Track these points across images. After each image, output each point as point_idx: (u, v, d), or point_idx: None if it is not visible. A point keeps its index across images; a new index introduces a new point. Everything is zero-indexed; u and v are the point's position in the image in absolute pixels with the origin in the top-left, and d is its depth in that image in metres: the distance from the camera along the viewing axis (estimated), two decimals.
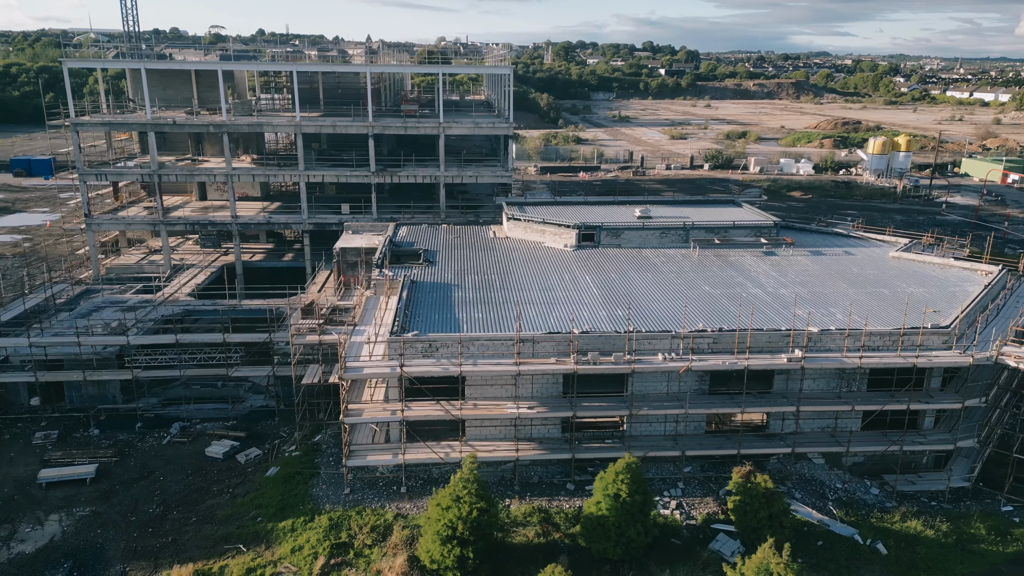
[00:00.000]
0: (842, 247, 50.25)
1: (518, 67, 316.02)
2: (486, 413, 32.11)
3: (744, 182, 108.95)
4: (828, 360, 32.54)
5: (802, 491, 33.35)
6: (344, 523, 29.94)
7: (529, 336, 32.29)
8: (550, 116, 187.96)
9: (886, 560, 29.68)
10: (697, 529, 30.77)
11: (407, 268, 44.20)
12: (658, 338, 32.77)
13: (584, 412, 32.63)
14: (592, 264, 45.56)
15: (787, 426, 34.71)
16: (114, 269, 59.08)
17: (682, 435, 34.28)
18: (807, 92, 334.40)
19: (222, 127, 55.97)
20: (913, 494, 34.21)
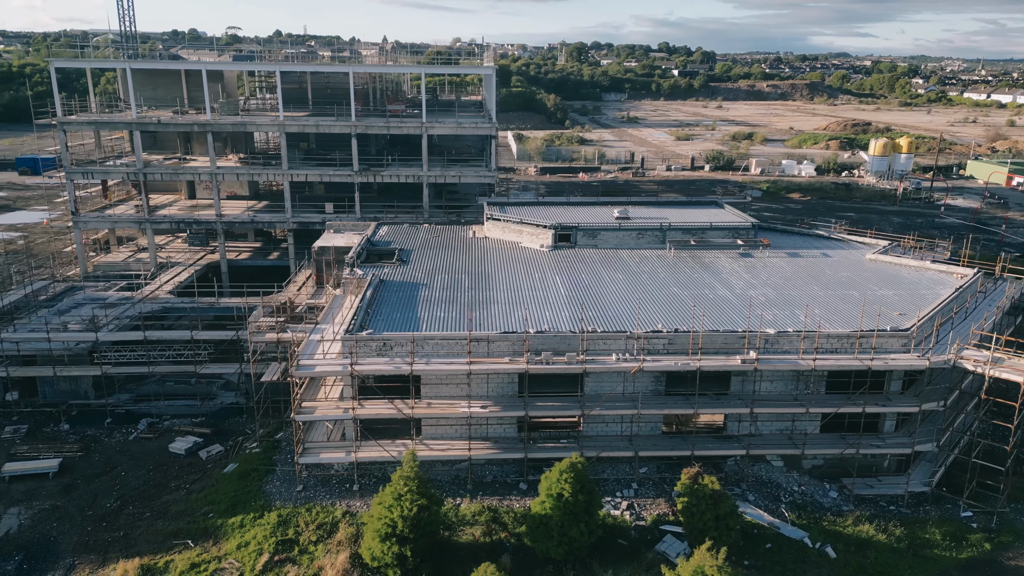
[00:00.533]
0: (820, 249, 49.89)
1: (530, 68, 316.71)
2: (439, 412, 32.22)
3: (743, 183, 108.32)
4: (782, 362, 32.35)
5: (757, 493, 33.16)
6: (293, 520, 30.15)
7: (484, 336, 32.35)
8: (557, 117, 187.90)
9: (834, 564, 29.46)
10: (646, 530, 30.69)
11: (379, 267, 44.38)
12: (613, 338, 32.72)
13: (538, 412, 32.66)
14: (565, 264, 45.54)
15: (744, 428, 34.54)
16: (101, 267, 59.79)
17: (638, 436, 34.22)
18: (821, 93, 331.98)
19: (206, 126, 56.47)
20: (872, 498, 33.94)
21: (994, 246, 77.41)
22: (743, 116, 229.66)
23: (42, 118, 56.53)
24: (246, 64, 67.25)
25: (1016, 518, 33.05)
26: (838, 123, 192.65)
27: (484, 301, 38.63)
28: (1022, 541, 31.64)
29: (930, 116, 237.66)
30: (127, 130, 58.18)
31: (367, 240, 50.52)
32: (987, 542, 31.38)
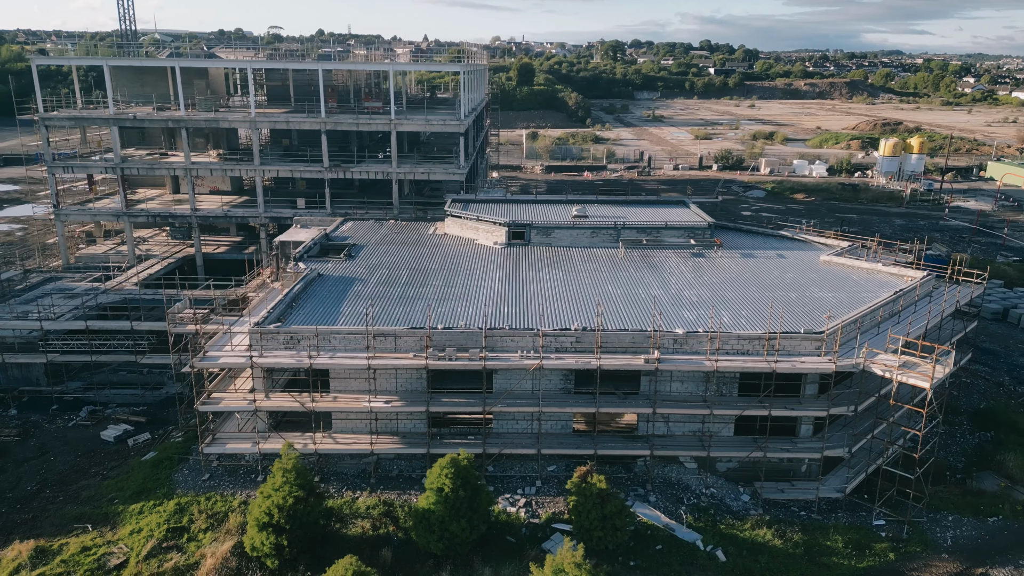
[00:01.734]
0: (777, 250, 49.09)
1: (562, 67, 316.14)
2: (342, 406, 32.62)
3: (750, 183, 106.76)
4: (685, 362, 31.97)
5: (661, 494, 32.85)
6: (189, 508, 30.82)
7: (390, 331, 32.61)
8: (578, 115, 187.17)
9: (722, 567, 29.06)
10: (537, 528, 30.65)
11: (323, 262, 45.00)
12: (519, 336, 32.70)
13: (442, 407, 32.85)
14: (512, 262, 45.56)
15: (655, 428, 34.24)
16: (83, 258, 61.61)
17: (550, 434, 34.15)
18: (862, 92, 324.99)
19: (180, 122, 57.80)
20: (785, 503, 33.36)
21: (994, 250, 75.09)
22: (773, 115, 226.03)
23: (25, 114, 58.43)
24: (218, 61, 68.59)
25: (931, 528, 32.18)
26: (868, 123, 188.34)
27: (415, 297, 38.88)
28: (931, 552, 30.82)
29: (969, 116, 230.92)
30: (103, 126, 59.62)
31: (325, 235, 51.23)
32: (892, 552, 30.64)
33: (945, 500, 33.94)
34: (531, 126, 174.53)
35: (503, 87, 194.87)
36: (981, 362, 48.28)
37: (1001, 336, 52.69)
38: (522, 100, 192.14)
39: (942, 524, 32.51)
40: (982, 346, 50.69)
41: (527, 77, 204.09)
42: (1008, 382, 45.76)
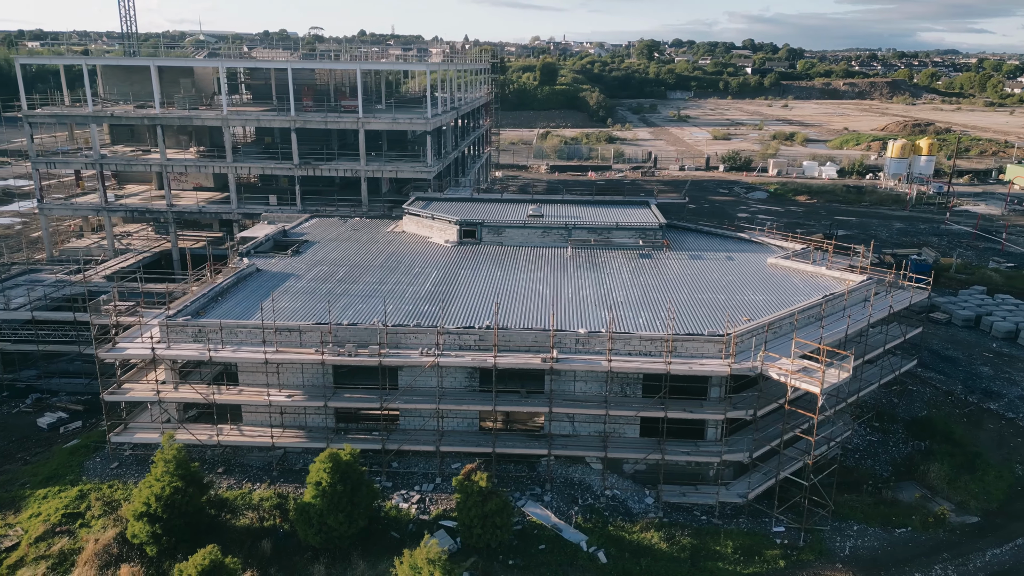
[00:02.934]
0: (728, 251, 48.47)
1: (594, 66, 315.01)
2: (245, 399, 33.25)
3: (753, 185, 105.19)
4: (581, 362, 31.84)
5: (558, 494, 32.77)
6: (90, 495, 31.76)
7: (294, 326, 33.14)
8: (599, 115, 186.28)
9: (601, 569, 28.93)
10: (425, 524, 30.84)
11: (269, 257, 45.86)
12: (421, 333, 32.94)
13: (344, 403, 33.27)
14: (455, 260, 45.81)
15: (563, 428, 34.17)
16: (67, 251, 63.60)
17: (454, 431, 34.32)
18: (903, 92, 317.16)
19: (155, 120, 59.30)
20: (688, 506, 33.02)
21: (992, 255, 72.78)
22: (803, 116, 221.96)
23: (10, 111, 60.56)
24: (192, 60, 70.12)
25: (832, 537, 31.54)
26: (898, 124, 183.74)
27: (343, 293, 39.35)
28: (824, 561, 30.23)
29: (1011, 117, 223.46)
30: (82, 123, 61.39)
31: (282, 231, 52.21)
32: (783, 559, 30.14)
33: (855, 509, 33.23)
34: (551, 125, 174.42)
35: (525, 87, 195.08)
36: (937, 369, 46.99)
37: (968, 344, 51.17)
38: (543, 99, 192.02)
39: (845, 533, 31.85)
40: (944, 353, 49.34)
41: (550, 77, 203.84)
42: (960, 391, 44.44)
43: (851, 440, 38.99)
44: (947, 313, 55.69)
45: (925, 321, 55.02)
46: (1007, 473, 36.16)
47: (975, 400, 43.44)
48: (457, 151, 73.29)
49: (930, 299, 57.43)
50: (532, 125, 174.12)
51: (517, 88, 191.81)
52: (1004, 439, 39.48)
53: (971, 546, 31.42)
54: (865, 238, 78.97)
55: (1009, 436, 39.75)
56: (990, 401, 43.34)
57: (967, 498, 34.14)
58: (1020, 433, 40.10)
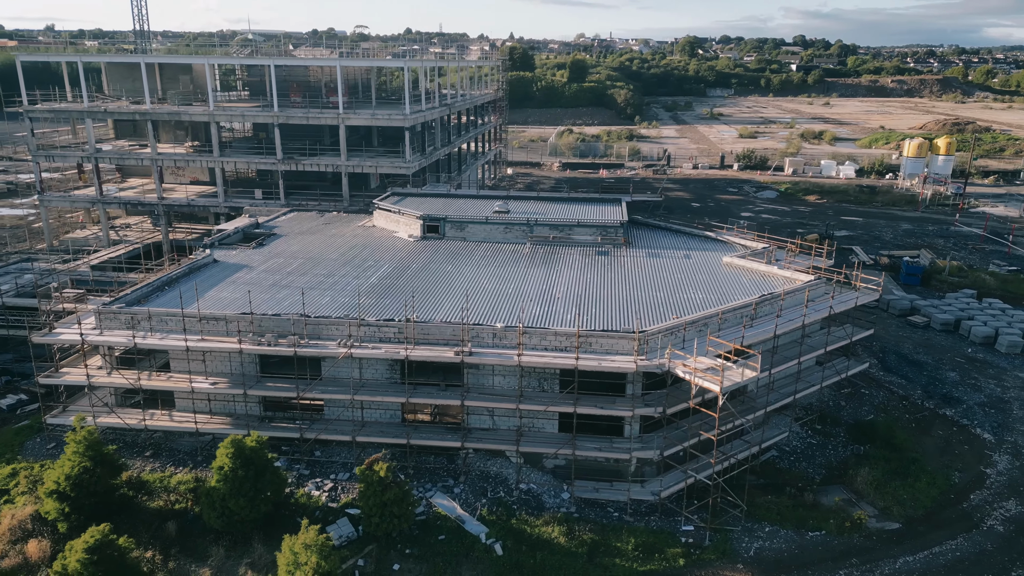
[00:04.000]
0: (689, 249, 48.13)
1: (633, 64, 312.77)
2: (171, 385, 34.34)
3: (765, 184, 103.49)
4: (493, 356, 32.10)
5: (471, 487, 33.08)
6: (20, 473, 33.19)
7: (220, 315, 34.11)
8: (627, 112, 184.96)
9: (495, 560, 29.18)
10: (331, 512, 31.50)
11: (232, 249, 47.13)
12: (340, 325, 33.59)
13: (266, 391, 34.12)
14: (411, 254, 46.42)
15: (483, 422, 34.47)
16: (66, 241, 66.16)
17: (375, 422, 34.91)
18: (954, 90, 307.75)
19: (146, 115, 61.29)
20: (602, 503, 33.02)
21: (997, 258, 70.50)
22: (842, 114, 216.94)
23: (11, 107, 63.21)
24: (180, 57, 72.07)
25: (740, 538, 31.22)
26: (937, 122, 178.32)
27: (287, 285, 40.24)
28: (725, 561, 29.98)
29: None
30: (78, 118, 63.69)
31: (255, 223, 53.51)
32: (683, 558, 29.98)
33: (772, 511, 32.80)
34: (578, 123, 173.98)
35: (553, 84, 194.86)
36: (900, 374, 45.87)
37: (941, 348, 49.78)
38: (571, 97, 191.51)
39: (755, 534, 31.50)
40: (912, 357, 48.12)
41: (579, 74, 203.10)
42: (918, 396, 43.34)
43: (789, 442, 38.43)
44: (926, 316, 54.22)
45: (905, 325, 53.84)
46: (942, 480, 35.24)
47: (931, 405, 42.33)
48: (450, 147, 73.89)
49: (911, 303, 56.22)
50: (559, 122, 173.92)
51: (545, 85, 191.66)
52: (950, 446, 38.44)
53: (884, 552, 30.78)
54: (868, 239, 77.43)
55: (957, 443, 38.69)
56: (947, 407, 42.18)
57: (891, 504, 33.41)
58: (970, 440, 39.00)
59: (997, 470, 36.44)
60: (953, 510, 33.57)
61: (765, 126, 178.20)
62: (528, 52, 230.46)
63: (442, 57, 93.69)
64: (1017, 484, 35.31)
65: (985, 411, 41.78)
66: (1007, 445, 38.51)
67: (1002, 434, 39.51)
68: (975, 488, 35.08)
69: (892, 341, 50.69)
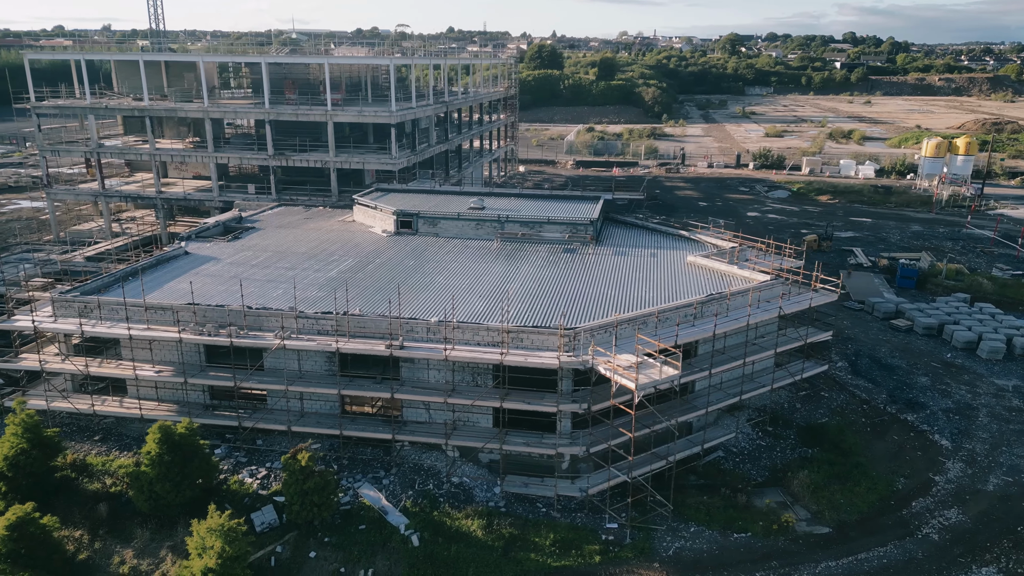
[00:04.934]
0: (658, 248, 47.93)
1: (670, 62, 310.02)
2: (118, 372, 35.50)
3: (778, 183, 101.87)
4: (422, 350, 32.49)
5: (401, 479, 33.52)
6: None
7: (168, 305, 35.15)
8: (654, 111, 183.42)
9: (410, 551, 29.60)
10: (259, 499, 32.27)
11: (207, 241, 48.41)
12: (279, 316, 34.33)
13: (208, 380, 35.07)
14: (378, 249, 47.08)
15: (419, 415, 34.91)
16: (72, 233, 68.51)
17: (314, 413, 35.56)
18: (1005, 88, 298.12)
19: (145, 111, 63.14)
20: (532, 498, 33.20)
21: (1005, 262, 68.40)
22: (881, 112, 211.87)
23: (20, 103, 65.69)
24: (174, 56, 73.80)
25: (662, 537, 31.10)
26: (976, 122, 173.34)
27: (246, 277, 41.02)
28: (642, 559, 29.93)
29: None
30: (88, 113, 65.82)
31: (239, 217, 54.85)
32: (600, 555, 30.02)
33: (701, 511, 32.59)
34: (604, 121, 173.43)
35: (580, 82, 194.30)
36: (869, 377, 44.95)
37: (919, 352, 48.61)
38: (598, 95, 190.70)
39: (679, 534, 31.37)
40: (886, 361, 47.10)
41: (608, 72, 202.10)
42: (882, 400, 42.45)
43: (738, 443, 38.07)
44: (910, 320, 52.97)
45: (887, 328, 52.69)
46: (883, 486, 34.56)
47: (893, 410, 41.43)
48: (448, 144, 74.39)
49: (896, 306, 55.00)
50: (585, 120, 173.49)
51: (572, 83, 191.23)
52: (903, 451, 37.64)
53: (807, 556, 30.38)
54: (874, 240, 75.80)
55: (910, 449, 37.86)
56: (910, 412, 41.25)
57: (825, 508, 32.91)
58: (925, 446, 38.12)
59: (947, 477, 35.57)
60: (890, 516, 32.91)
61: (795, 125, 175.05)
62: (556, 50, 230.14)
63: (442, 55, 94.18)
64: (964, 493, 34.45)
65: (949, 417, 40.76)
66: (963, 452, 37.54)
67: (961, 441, 38.52)
68: (919, 495, 34.32)
69: (869, 344, 49.66)
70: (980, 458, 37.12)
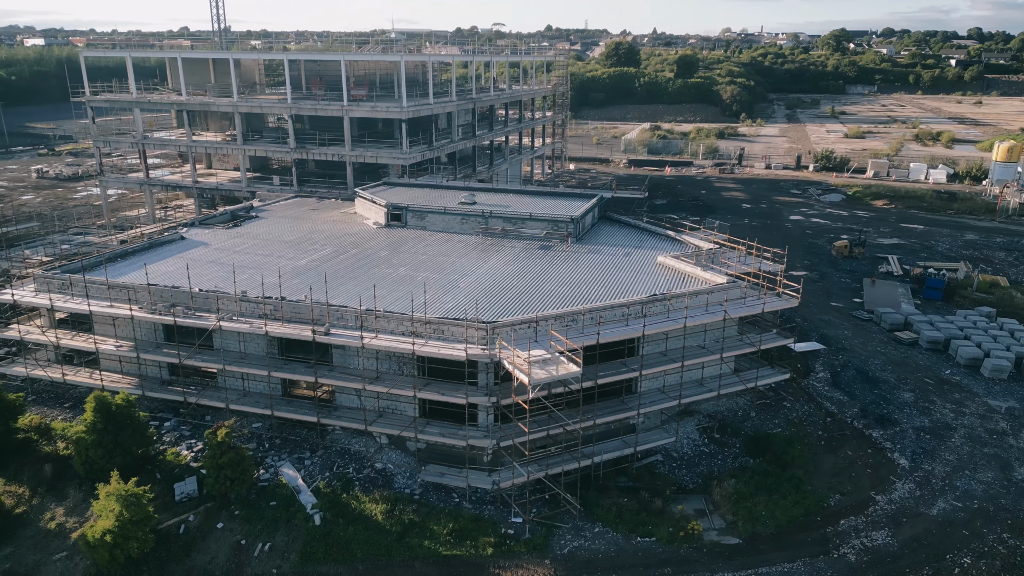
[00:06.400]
0: (635, 248, 47.40)
1: (765, 59, 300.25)
2: (84, 346, 38.29)
3: (834, 186, 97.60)
4: (344, 337, 33.55)
5: (324, 461, 34.70)
6: None
7: (130, 284, 37.69)
8: (732, 109, 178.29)
9: (309, 530, 30.73)
10: (187, 470, 34.12)
11: (207, 228, 51.26)
12: (223, 299, 36.18)
13: (161, 357, 37.34)
14: (359, 240, 48.63)
15: (351, 400, 36.03)
16: (121, 219, 73.68)
17: (260, 393, 37.25)
18: None
19: (182, 105, 67.16)
20: (448, 488, 33.73)
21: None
22: (989, 114, 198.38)
23: (76, 98, 71.09)
24: (206, 53, 77.39)
25: (563, 536, 31.01)
26: None
27: (223, 262, 43.45)
28: (533, 555, 29.99)
29: None
30: (134, 107, 70.52)
31: (249, 206, 57.74)
32: (493, 547, 30.29)
33: (611, 512, 32.23)
34: (678, 120, 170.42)
35: (656, 80, 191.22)
36: (846, 390, 42.91)
37: (914, 367, 45.95)
38: (674, 93, 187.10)
39: (581, 533, 31.21)
40: (873, 374, 44.80)
41: (687, 70, 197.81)
42: (852, 414, 40.48)
43: (680, 448, 37.32)
44: (916, 333, 50.08)
45: (889, 340, 50.06)
46: (813, 501, 33.14)
47: (860, 426, 39.47)
48: (473, 140, 75.20)
49: (905, 317, 52.18)
50: (659, 119, 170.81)
51: (648, 81, 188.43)
52: (852, 468, 35.91)
53: (705, 565, 29.65)
54: (919, 248, 71.84)
55: (861, 466, 36.07)
56: (878, 428, 39.20)
57: (741, 519, 31.90)
58: (878, 464, 36.21)
59: (889, 498, 33.75)
60: (811, 533, 31.60)
61: (884, 126, 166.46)
62: (634, 48, 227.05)
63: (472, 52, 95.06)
64: (902, 515, 32.63)
65: (919, 436, 38.52)
66: (919, 473, 35.48)
67: (921, 461, 36.38)
68: (851, 513, 32.75)
69: (862, 356, 47.33)
70: (935, 480, 34.98)
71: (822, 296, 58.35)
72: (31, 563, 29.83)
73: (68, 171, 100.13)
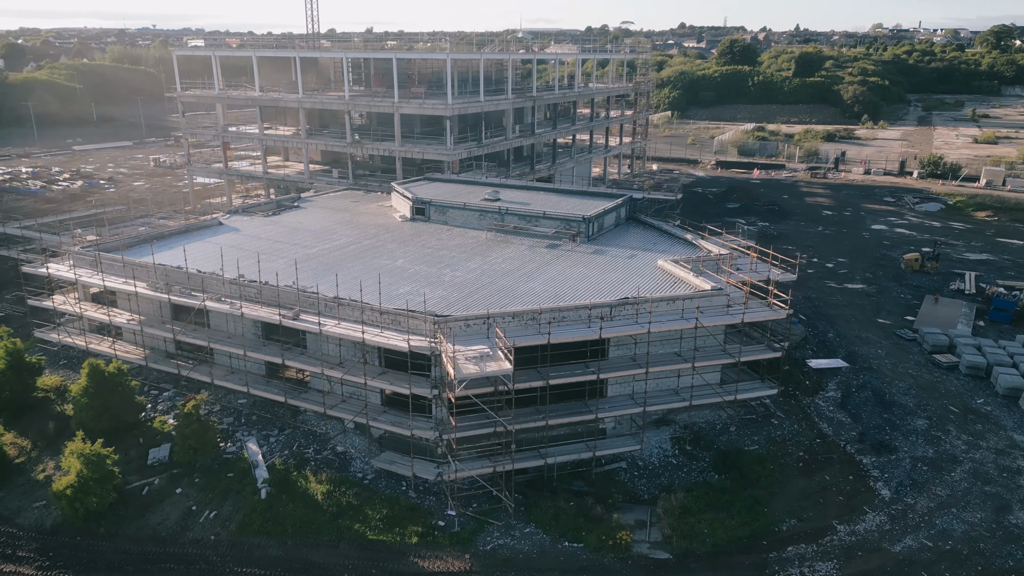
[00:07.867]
0: (642, 250, 46.41)
1: (910, 57, 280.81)
2: (102, 317, 41.91)
3: (934, 195, 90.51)
4: (305, 324, 35.00)
5: (284, 439, 36.44)
6: None
7: (144, 263, 40.96)
8: (853, 110, 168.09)
9: (254, 503, 32.44)
10: (169, 438, 36.73)
11: (248, 216, 54.61)
12: (215, 282, 38.66)
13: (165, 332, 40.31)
14: (378, 232, 50.32)
15: (324, 385, 37.52)
16: (205, 206, 79.42)
17: (244, 371, 39.45)
18: None
19: (256, 101, 71.59)
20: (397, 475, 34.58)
21: None
22: None
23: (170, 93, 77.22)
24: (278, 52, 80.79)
25: (490, 532, 31.13)
26: None
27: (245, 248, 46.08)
28: (455, 548, 30.32)
29: None
30: (216, 103, 75.70)
31: (297, 196, 60.94)
32: (418, 536, 30.89)
33: (548, 515, 31.98)
34: (791, 120, 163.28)
35: (771, 79, 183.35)
36: (853, 412, 40.21)
37: (944, 393, 42.31)
38: (789, 92, 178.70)
39: (510, 532, 31.24)
40: (889, 397, 41.73)
41: (806, 68, 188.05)
42: (848, 438, 37.90)
43: (647, 457, 36.41)
44: (958, 357, 46.05)
45: (927, 363, 46.43)
46: (762, 524, 31.45)
47: (853, 450, 36.95)
48: (533, 138, 75.39)
49: (951, 339, 48.21)
50: (772, 119, 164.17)
51: (763, 80, 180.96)
52: (819, 493, 33.74)
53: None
54: (1010, 267, 65.96)
55: (832, 493, 33.80)
56: (871, 455, 36.56)
57: (679, 535, 30.79)
58: (855, 493, 33.80)
59: (852, 528, 31.52)
60: (751, 556, 30.09)
61: None
62: (751, 45, 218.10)
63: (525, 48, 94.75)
64: (860, 548, 30.42)
65: (915, 467, 35.64)
66: (897, 506, 32.87)
67: (904, 494, 33.68)
68: (804, 541, 30.88)
69: (888, 378, 44.14)
70: (912, 515, 32.32)
71: (871, 312, 54.66)
72: (14, 508, 33.22)
73: (180, 160, 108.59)
